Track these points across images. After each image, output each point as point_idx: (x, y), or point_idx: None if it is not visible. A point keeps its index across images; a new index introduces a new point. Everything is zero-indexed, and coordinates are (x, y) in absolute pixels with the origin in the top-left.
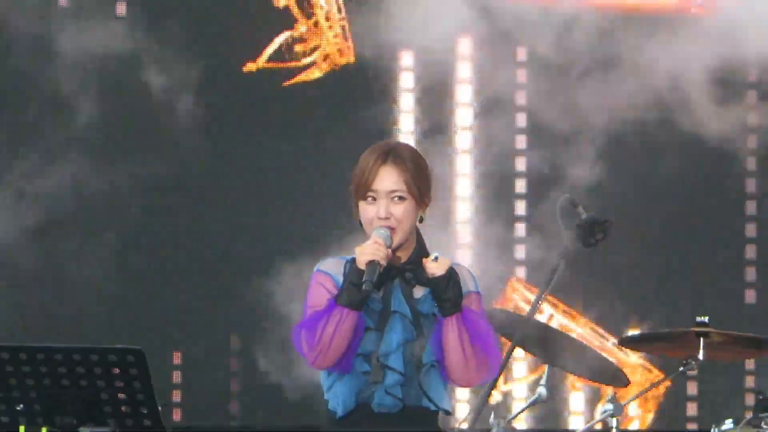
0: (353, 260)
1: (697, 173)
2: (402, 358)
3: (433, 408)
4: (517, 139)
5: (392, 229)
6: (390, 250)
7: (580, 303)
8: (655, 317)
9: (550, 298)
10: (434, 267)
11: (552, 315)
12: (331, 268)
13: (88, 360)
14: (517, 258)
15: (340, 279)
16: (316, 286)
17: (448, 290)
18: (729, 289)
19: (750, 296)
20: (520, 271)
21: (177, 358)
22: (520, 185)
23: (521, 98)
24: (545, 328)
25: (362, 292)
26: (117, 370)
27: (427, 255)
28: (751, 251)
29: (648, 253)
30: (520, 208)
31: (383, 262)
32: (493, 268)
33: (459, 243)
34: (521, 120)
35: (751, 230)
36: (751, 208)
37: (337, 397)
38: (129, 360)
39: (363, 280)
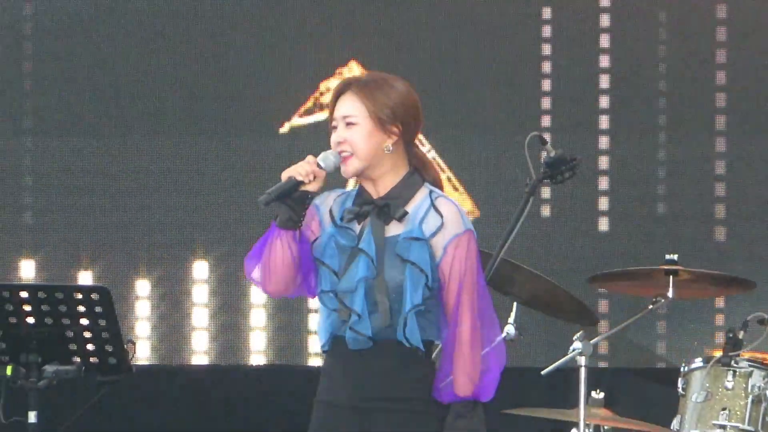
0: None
1: None
2: (362, 298)
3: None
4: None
5: (348, 156)
6: (321, 171)
7: (545, 242)
8: (624, 255)
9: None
10: None
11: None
12: (321, 198)
13: (53, 298)
14: None
15: (325, 210)
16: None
17: None
18: (698, 227)
19: (720, 233)
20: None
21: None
22: None
23: None
24: (512, 265)
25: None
26: (82, 308)
27: (411, 194)
28: (720, 188)
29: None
30: None
31: (303, 179)
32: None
33: None
34: None
35: (720, 167)
36: (720, 145)
37: (319, 332)
38: (94, 298)
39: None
